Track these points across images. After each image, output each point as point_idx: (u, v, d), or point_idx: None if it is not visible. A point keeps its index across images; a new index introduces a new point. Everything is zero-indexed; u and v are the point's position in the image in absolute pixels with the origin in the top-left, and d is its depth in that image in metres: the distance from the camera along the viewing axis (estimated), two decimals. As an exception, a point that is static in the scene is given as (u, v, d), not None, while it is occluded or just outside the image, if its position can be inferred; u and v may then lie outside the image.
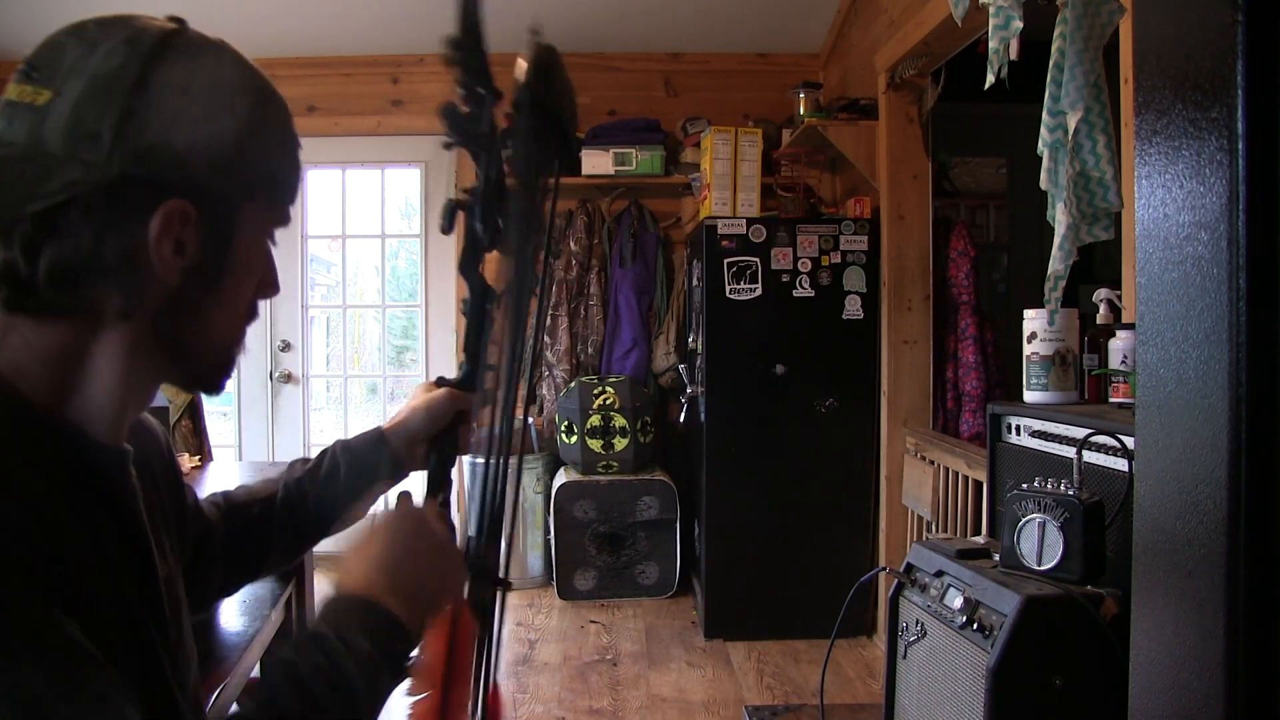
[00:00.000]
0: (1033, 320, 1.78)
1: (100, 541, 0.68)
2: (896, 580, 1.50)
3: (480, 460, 0.92)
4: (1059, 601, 1.23)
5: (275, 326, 4.80)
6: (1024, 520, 1.33)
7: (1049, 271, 1.70)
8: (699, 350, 3.85)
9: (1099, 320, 1.79)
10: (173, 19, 0.71)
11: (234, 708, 0.70)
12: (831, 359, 3.70)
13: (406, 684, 0.77)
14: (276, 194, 0.75)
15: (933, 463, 3.19)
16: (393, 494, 0.92)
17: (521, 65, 0.86)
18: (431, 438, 1.00)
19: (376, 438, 1.03)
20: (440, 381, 1.02)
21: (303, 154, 0.79)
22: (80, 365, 0.68)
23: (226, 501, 1.03)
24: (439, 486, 0.93)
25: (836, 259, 3.69)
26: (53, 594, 0.58)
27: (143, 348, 0.70)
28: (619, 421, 4.23)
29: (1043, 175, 1.71)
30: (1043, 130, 1.68)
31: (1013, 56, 1.76)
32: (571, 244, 4.59)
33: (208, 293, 0.71)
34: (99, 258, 0.65)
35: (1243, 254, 0.51)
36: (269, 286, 0.79)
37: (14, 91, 0.65)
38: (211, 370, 0.76)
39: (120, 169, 0.64)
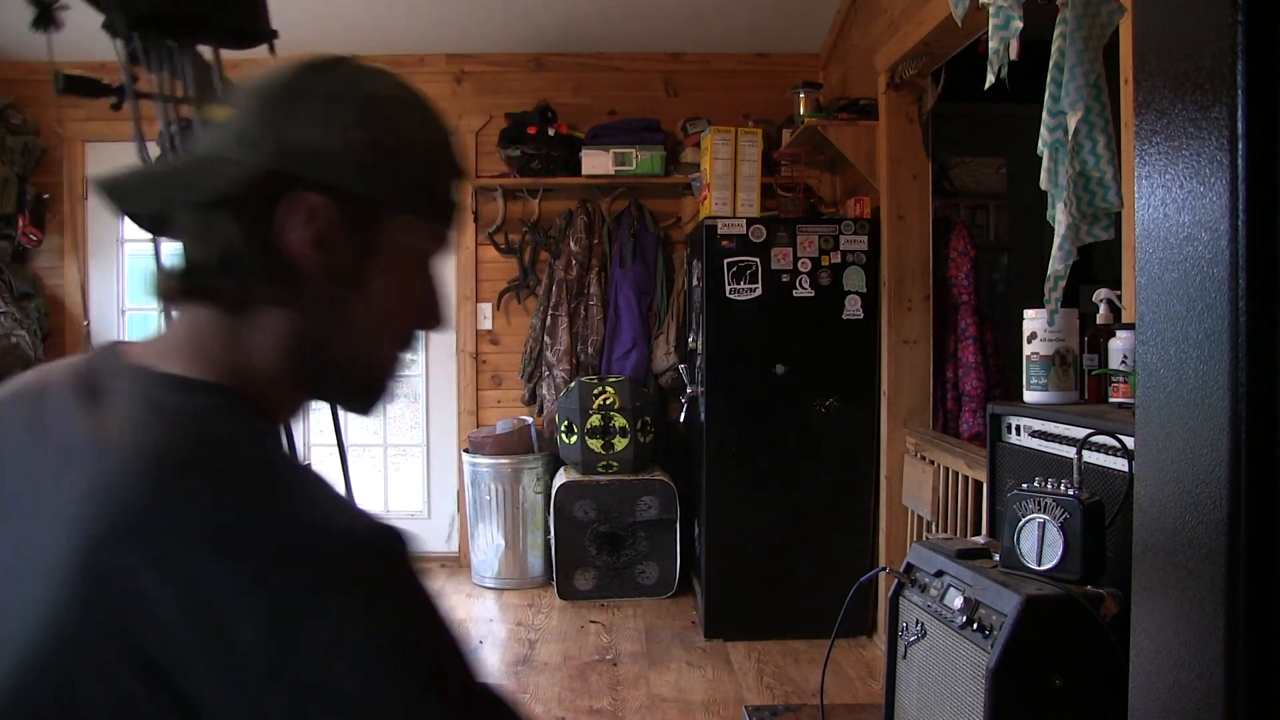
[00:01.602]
0: (1033, 320, 1.78)
1: None
2: (896, 580, 1.50)
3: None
4: (1059, 601, 1.23)
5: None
6: (1024, 520, 1.33)
7: (1049, 271, 1.70)
8: (699, 350, 3.85)
9: (1099, 320, 1.79)
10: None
11: None
12: (831, 359, 3.70)
13: None
14: (428, 211, 0.75)
15: (933, 463, 3.19)
16: None
17: None
18: None
19: None
20: None
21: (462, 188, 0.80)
22: (254, 362, 0.72)
23: None
24: None
25: (836, 259, 3.69)
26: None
27: (293, 355, 0.72)
28: (619, 421, 4.24)
29: (1043, 175, 1.71)
30: (1043, 130, 1.68)
31: (1013, 56, 1.76)
32: (571, 244, 4.59)
33: (353, 296, 0.72)
34: (248, 248, 0.69)
35: (1243, 254, 0.51)
36: (432, 318, 0.79)
37: (212, 113, 0.73)
38: (359, 386, 0.77)
39: (269, 165, 0.69)
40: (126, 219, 0.75)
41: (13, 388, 0.73)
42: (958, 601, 1.33)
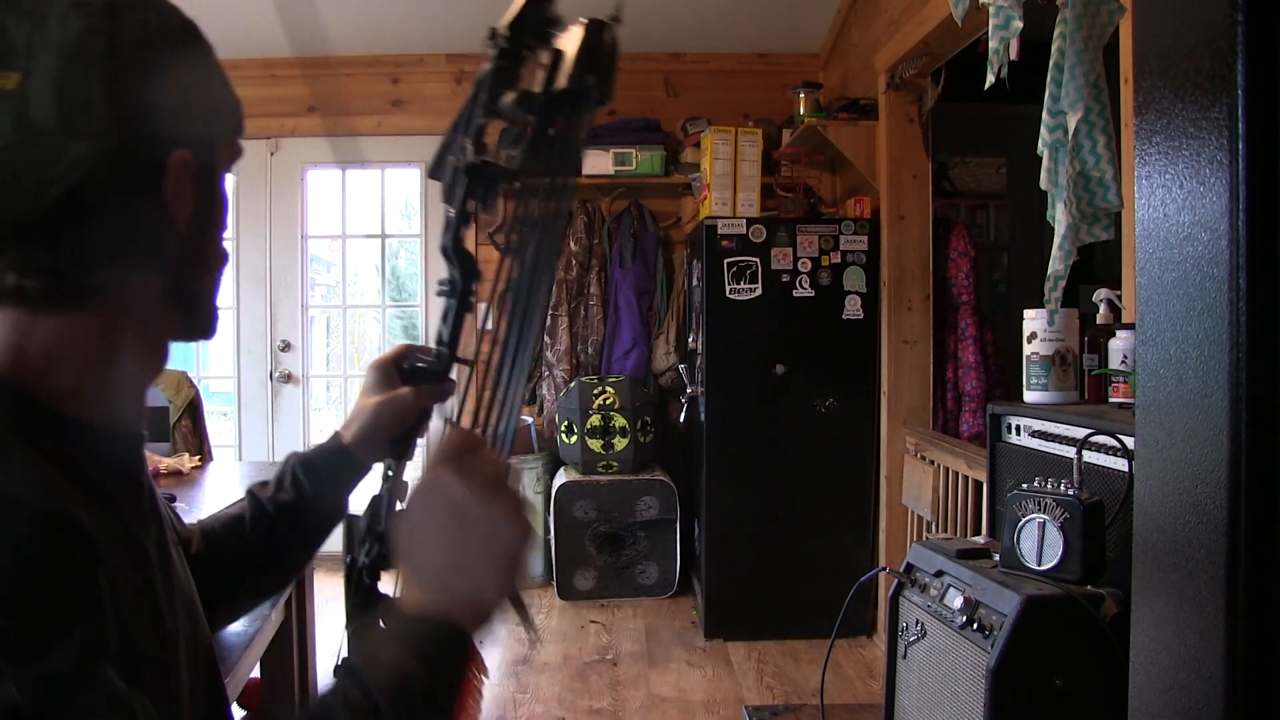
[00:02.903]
0: (1033, 320, 1.78)
1: (130, 541, 0.67)
2: (896, 580, 1.50)
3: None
4: (1059, 601, 1.23)
5: (275, 326, 4.80)
6: (1024, 520, 1.33)
7: (1049, 271, 1.70)
8: (699, 350, 3.85)
9: (1099, 320, 1.79)
10: None
11: None
12: (831, 359, 3.70)
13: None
14: (236, 127, 0.75)
15: (933, 463, 3.19)
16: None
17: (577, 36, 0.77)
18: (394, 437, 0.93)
19: (338, 450, 0.96)
20: (405, 375, 0.94)
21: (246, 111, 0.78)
22: (107, 346, 0.67)
23: (200, 528, 0.98)
24: (398, 482, 0.86)
25: (836, 259, 3.69)
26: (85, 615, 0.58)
27: (160, 311, 0.70)
28: (619, 421, 4.24)
29: (1043, 175, 1.71)
30: (1043, 130, 1.68)
31: (1013, 56, 1.76)
32: (571, 244, 4.59)
33: (203, 237, 0.71)
34: (127, 227, 0.65)
35: (1243, 254, 0.51)
36: (224, 224, 0.78)
37: None
38: (208, 317, 0.76)
39: (122, 134, 0.63)
40: None
41: None
42: (958, 601, 1.32)
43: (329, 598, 1.80)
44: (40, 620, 0.55)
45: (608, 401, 4.25)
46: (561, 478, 4.28)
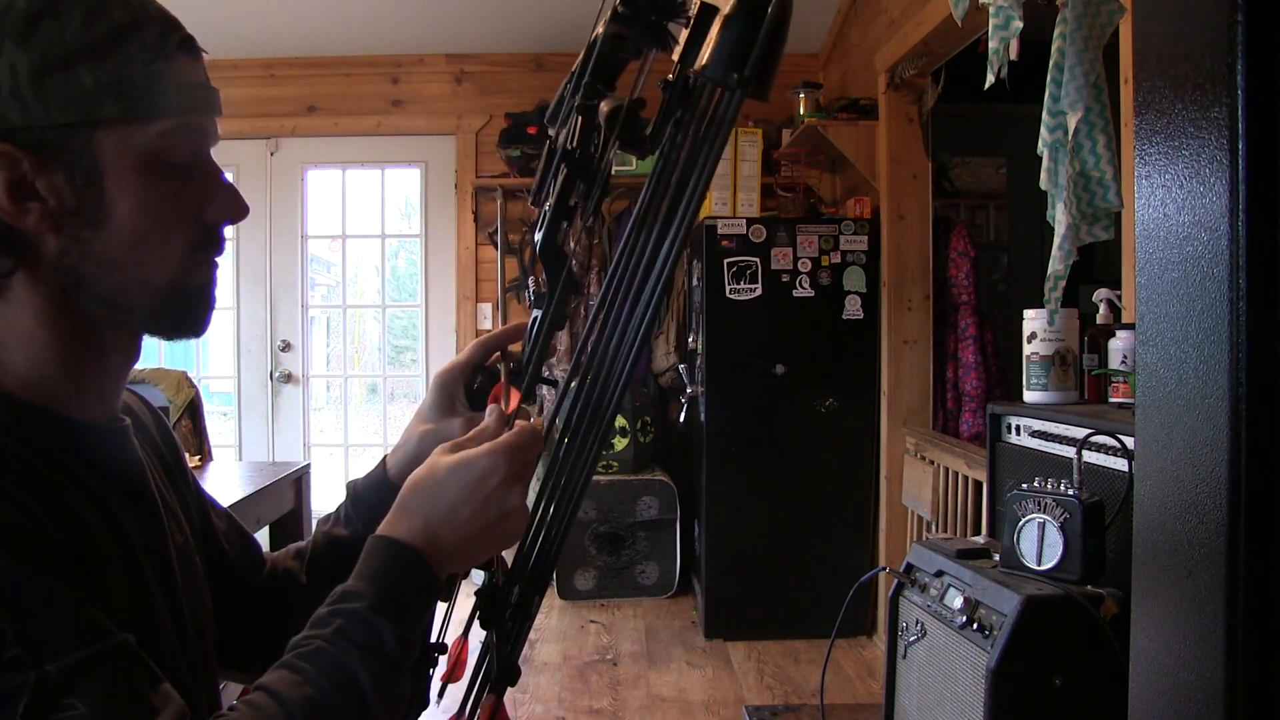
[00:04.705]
0: (1033, 320, 1.78)
1: (106, 513, 0.68)
2: (896, 580, 1.50)
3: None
4: (1059, 601, 1.23)
5: (275, 326, 4.80)
6: (1024, 520, 1.33)
7: (1049, 271, 1.70)
8: (699, 350, 3.85)
9: (1099, 320, 1.79)
10: None
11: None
12: (831, 359, 3.70)
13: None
14: (145, 107, 0.65)
15: (933, 463, 3.19)
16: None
17: None
18: None
19: (381, 481, 0.89)
20: (474, 397, 0.83)
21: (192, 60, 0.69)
22: (20, 341, 0.67)
23: (270, 561, 0.95)
24: None
25: (836, 259, 3.69)
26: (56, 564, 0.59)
27: (67, 308, 0.67)
28: (619, 421, 4.24)
29: (1043, 175, 1.71)
30: (1043, 130, 1.68)
31: (1013, 56, 1.76)
32: (571, 244, 4.60)
33: (100, 232, 0.66)
34: None
35: (1243, 254, 0.51)
36: (233, 209, 0.72)
37: None
38: (172, 310, 0.71)
39: None
40: None
41: None
42: (958, 601, 1.32)
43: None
44: None
45: (608, 401, 4.26)
46: (561, 478, 4.29)
